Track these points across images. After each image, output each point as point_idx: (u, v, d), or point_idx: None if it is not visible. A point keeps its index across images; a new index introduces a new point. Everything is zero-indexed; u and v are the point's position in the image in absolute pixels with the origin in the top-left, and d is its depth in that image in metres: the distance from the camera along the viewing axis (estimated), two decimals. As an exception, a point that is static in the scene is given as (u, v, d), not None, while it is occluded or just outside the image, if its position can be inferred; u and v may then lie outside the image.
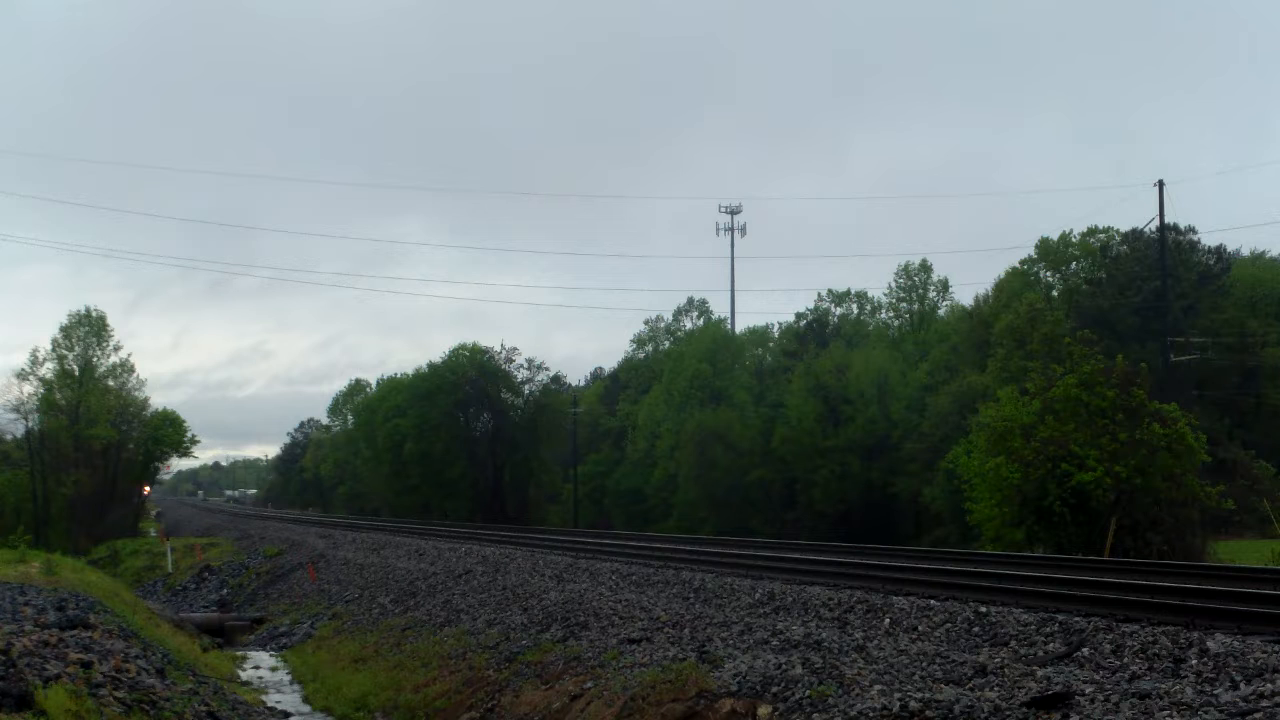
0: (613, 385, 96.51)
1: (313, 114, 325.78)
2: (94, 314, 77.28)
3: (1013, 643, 13.03)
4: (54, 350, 75.54)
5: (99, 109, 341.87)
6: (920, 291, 75.34)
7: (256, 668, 26.31)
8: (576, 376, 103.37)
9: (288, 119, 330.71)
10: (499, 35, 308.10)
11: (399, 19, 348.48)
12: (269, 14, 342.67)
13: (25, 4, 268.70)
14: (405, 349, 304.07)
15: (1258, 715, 8.91)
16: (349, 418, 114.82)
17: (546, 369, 76.84)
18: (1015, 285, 58.37)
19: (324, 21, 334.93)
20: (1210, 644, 11.19)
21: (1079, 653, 12.03)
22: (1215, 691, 9.73)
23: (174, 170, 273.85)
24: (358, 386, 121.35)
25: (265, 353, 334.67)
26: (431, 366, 76.87)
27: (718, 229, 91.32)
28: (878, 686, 11.27)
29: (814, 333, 77.51)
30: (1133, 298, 52.86)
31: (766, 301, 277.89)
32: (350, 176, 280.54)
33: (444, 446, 72.13)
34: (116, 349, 78.27)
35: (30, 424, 72.55)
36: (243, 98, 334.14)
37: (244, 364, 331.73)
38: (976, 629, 13.92)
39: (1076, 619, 13.28)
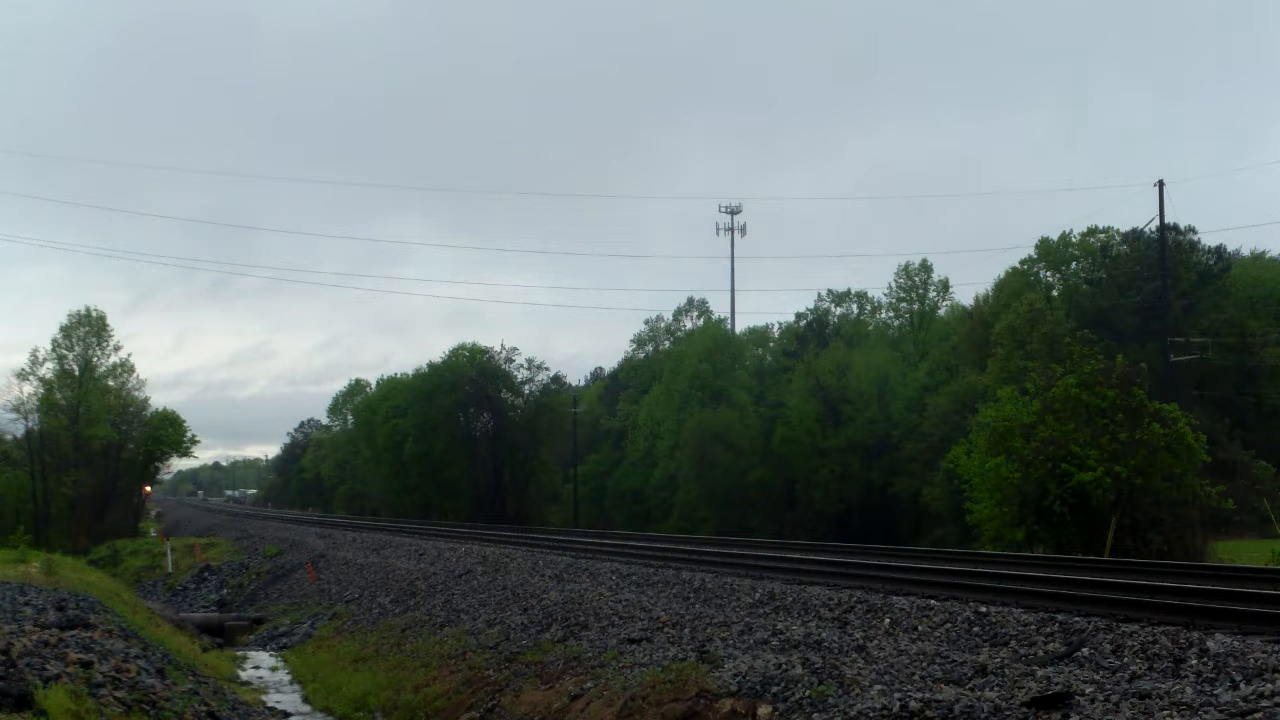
0: (613, 385, 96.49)
1: (312, 114, 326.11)
2: (94, 314, 77.39)
3: (1013, 643, 13.03)
4: (54, 350, 75.61)
5: (99, 109, 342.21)
6: (920, 291, 75.31)
7: (256, 668, 26.30)
8: (576, 377, 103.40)
9: (287, 119, 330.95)
10: (499, 34, 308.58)
11: (400, 19, 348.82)
12: (269, 14, 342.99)
13: (25, 4, 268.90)
14: (406, 349, 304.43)
15: (1258, 715, 8.91)
16: (349, 418, 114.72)
17: (546, 369, 76.97)
18: (1015, 285, 58.34)
19: (325, 22, 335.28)
20: (1210, 644, 11.18)
21: (1079, 653, 12.02)
22: (1215, 691, 9.73)
23: (174, 170, 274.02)
24: (358, 387, 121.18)
25: (266, 353, 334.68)
26: (431, 367, 76.94)
27: (717, 229, 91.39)
28: (878, 686, 11.27)
29: (814, 333, 77.43)
30: (1133, 298, 52.80)
31: (766, 301, 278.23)
32: (350, 176, 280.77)
33: (444, 446, 72.17)
34: (116, 349, 78.45)
35: (30, 424, 72.57)
36: (243, 98, 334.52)
37: (245, 364, 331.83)
38: (976, 629, 13.92)
39: (1076, 619, 13.27)
